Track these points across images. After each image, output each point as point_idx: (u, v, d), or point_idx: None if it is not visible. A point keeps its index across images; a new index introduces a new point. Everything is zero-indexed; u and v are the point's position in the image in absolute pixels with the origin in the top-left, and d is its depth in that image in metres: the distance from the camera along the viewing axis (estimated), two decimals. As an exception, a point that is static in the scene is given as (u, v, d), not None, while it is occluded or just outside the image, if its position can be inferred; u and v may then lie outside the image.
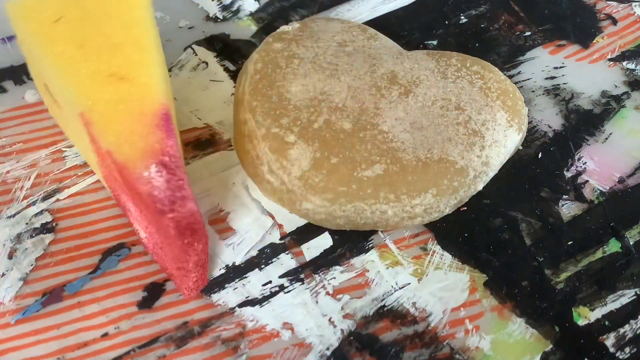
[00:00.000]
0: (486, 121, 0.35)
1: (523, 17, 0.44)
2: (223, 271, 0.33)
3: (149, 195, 0.28)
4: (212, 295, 0.32)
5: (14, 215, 0.34)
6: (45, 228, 0.34)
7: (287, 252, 0.34)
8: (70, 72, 0.30)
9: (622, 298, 0.33)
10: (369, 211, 0.33)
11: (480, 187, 0.34)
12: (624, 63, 0.42)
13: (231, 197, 0.35)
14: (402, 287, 0.33)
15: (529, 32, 0.43)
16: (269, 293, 0.32)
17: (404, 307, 0.32)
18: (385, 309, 0.32)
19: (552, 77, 0.41)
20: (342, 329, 0.31)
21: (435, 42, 0.43)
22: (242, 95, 0.35)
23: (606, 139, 0.38)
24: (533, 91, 0.40)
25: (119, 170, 0.28)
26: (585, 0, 0.46)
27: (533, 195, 0.36)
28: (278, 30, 0.38)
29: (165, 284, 0.32)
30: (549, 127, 0.39)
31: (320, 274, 0.33)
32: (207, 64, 0.41)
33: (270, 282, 0.33)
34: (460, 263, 0.33)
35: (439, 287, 0.33)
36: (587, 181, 0.37)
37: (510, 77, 0.41)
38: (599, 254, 0.34)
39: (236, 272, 0.33)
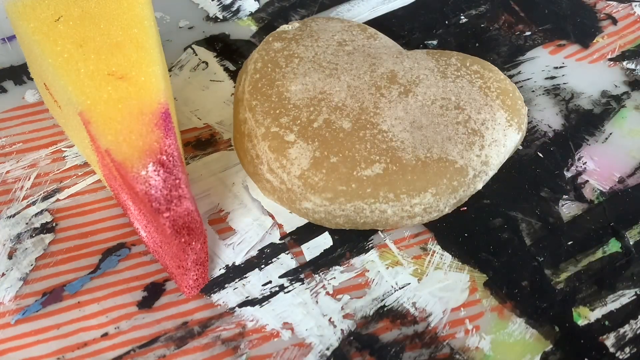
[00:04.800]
0: (486, 120, 0.35)
1: (523, 17, 0.44)
2: (223, 271, 0.33)
3: (145, 194, 0.28)
4: (212, 295, 0.32)
5: (14, 215, 0.34)
6: (45, 228, 0.34)
7: (287, 252, 0.34)
8: (69, 72, 0.30)
9: (622, 298, 0.33)
10: (368, 210, 0.33)
11: (479, 186, 0.34)
12: (624, 63, 0.42)
13: (231, 197, 0.35)
14: (402, 287, 0.33)
15: (529, 32, 0.43)
16: (269, 293, 0.32)
17: (404, 307, 0.32)
18: (385, 309, 0.32)
19: (552, 77, 0.41)
20: (342, 329, 0.31)
21: (435, 42, 0.43)
22: (242, 95, 0.35)
23: (606, 139, 0.38)
24: (533, 91, 0.40)
25: (117, 169, 0.28)
26: (585, 0, 0.46)
27: (533, 195, 0.36)
28: (278, 29, 0.38)
29: (165, 284, 0.32)
30: (549, 127, 0.39)
31: (320, 274, 0.33)
32: (207, 64, 0.41)
33: (270, 282, 0.33)
34: (460, 263, 0.33)
35: (439, 287, 0.33)
36: (587, 181, 0.37)
37: (510, 76, 0.41)
38: (599, 254, 0.34)
39: (236, 272, 0.33)
